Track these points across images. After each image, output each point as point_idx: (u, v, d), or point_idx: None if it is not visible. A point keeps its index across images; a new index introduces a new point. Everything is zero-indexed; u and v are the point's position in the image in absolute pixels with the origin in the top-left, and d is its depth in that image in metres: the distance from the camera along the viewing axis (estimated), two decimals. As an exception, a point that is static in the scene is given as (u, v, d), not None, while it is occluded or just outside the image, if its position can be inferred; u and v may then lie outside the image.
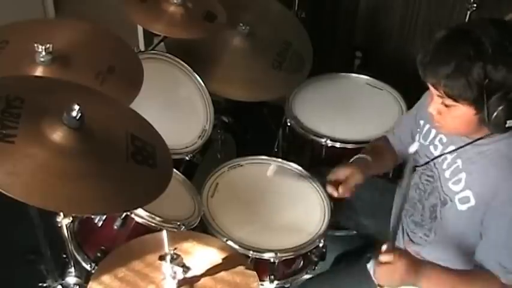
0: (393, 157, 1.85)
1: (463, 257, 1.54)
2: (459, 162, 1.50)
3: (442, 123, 1.46)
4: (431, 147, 1.60)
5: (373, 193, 1.94)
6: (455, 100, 1.36)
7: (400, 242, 1.73)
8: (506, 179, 1.39)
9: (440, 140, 1.58)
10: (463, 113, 1.38)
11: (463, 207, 1.47)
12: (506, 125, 1.35)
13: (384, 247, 1.41)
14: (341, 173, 1.73)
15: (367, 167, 1.76)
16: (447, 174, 1.53)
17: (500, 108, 1.32)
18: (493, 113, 1.33)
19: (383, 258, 1.39)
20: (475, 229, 1.47)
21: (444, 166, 1.54)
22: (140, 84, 1.67)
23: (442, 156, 1.55)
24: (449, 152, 1.53)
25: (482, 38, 1.31)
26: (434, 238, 1.59)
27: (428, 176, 1.60)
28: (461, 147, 1.49)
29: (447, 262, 1.49)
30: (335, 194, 1.72)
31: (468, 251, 1.52)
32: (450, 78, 1.33)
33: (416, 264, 1.41)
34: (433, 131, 1.61)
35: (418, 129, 1.67)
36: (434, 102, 1.43)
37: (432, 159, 1.58)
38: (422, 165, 1.63)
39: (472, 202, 1.45)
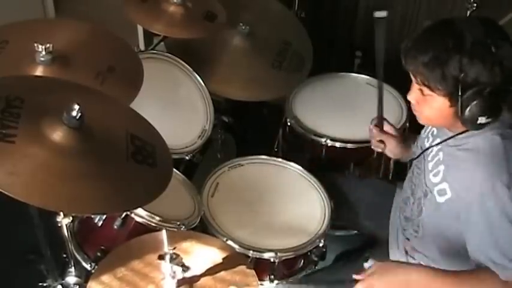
0: None
1: (447, 252, 1.54)
2: (441, 154, 1.51)
3: (419, 112, 1.48)
4: (425, 140, 1.61)
5: (373, 194, 1.94)
6: (430, 89, 1.37)
7: (399, 242, 1.73)
8: (481, 173, 1.38)
9: (432, 133, 1.59)
10: (438, 104, 1.39)
11: (441, 199, 1.48)
12: (478, 122, 1.35)
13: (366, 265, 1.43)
14: (391, 128, 1.83)
15: (406, 150, 1.81)
16: (430, 166, 1.54)
17: (473, 103, 1.32)
18: (466, 108, 1.33)
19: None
20: (454, 223, 1.46)
21: (429, 158, 1.56)
22: (140, 83, 1.67)
23: (430, 149, 1.56)
24: (436, 145, 1.54)
25: (465, 32, 1.31)
26: (423, 233, 1.59)
27: (418, 168, 1.61)
28: (444, 140, 1.50)
29: (434, 258, 1.50)
30: (371, 127, 1.84)
31: (451, 246, 1.52)
32: (427, 67, 1.34)
33: (403, 266, 1.42)
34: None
35: None
36: (412, 90, 1.45)
37: (422, 152, 1.60)
38: (416, 157, 1.63)
39: (449, 194, 1.46)
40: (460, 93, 1.32)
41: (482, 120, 1.34)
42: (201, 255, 1.50)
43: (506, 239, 1.37)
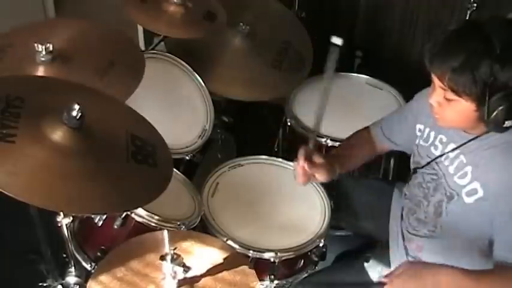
0: (368, 152, 1.84)
1: (467, 251, 1.54)
2: (462, 157, 1.50)
3: (441, 115, 1.46)
4: (432, 148, 1.60)
5: (372, 195, 1.94)
6: (457, 94, 1.36)
7: (399, 242, 1.73)
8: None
9: (440, 140, 1.58)
10: (463, 108, 1.38)
11: (470, 199, 1.47)
12: (504, 125, 1.35)
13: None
14: (318, 157, 1.65)
15: (333, 173, 1.69)
16: (451, 169, 1.53)
17: (500, 108, 1.32)
18: (492, 112, 1.33)
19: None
20: (483, 221, 1.46)
21: (446, 163, 1.54)
22: (141, 76, 1.67)
23: (444, 155, 1.55)
24: (451, 151, 1.53)
25: (492, 35, 1.30)
26: (440, 232, 1.58)
27: (431, 174, 1.61)
28: (463, 144, 1.49)
29: (452, 256, 1.50)
30: (300, 163, 1.62)
31: (473, 245, 1.52)
32: (456, 72, 1.33)
33: (429, 267, 1.39)
34: (433, 133, 1.61)
35: (419, 134, 1.67)
36: (436, 94, 1.43)
37: (434, 159, 1.59)
38: (424, 166, 1.63)
39: (480, 193, 1.45)
40: (487, 98, 1.32)
41: (508, 123, 1.34)
42: (201, 256, 1.50)
43: None
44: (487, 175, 1.44)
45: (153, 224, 1.63)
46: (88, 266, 1.71)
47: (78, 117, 1.30)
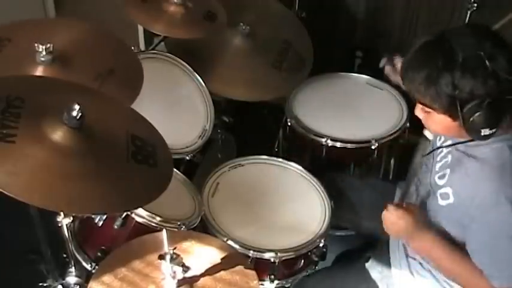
0: None
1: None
2: (449, 157, 1.51)
3: (427, 126, 1.49)
4: (437, 138, 1.61)
5: (373, 194, 1.94)
6: (430, 107, 1.38)
7: (399, 242, 1.73)
8: (487, 185, 1.38)
9: None
10: (440, 120, 1.39)
11: (443, 202, 1.48)
12: (482, 134, 1.34)
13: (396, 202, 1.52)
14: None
15: None
16: (437, 167, 1.54)
17: (474, 116, 1.31)
18: (467, 122, 1.33)
19: (391, 209, 1.51)
20: (453, 227, 1.47)
21: (438, 158, 1.55)
22: (139, 87, 1.67)
23: (441, 149, 1.56)
24: (447, 146, 1.54)
25: (456, 47, 1.30)
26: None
27: (426, 166, 1.61)
28: (454, 144, 1.50)
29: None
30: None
31: (456, 241, 1.51)
32: (421, 87, 1.34)
33: (417, 226, 1.48)
34: None
35: None
36: (417, 107, 1.45)
37: (433, 150, 1.60)
38: (427, 154, 1.63)
39: (451, 200, 1.46)
40: (459, 108, 1.32)
41: (486, 132, 1.34)
42: (202, 255, 1.50)
43: (502, 252, 1.38)
44: (459, 184, 1.45)
45: (154, 224, 1.63)
46: (88, 266, 1.71)
47: (78, 117, 1.30)
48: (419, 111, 1.45)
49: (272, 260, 1.72)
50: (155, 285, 1.40)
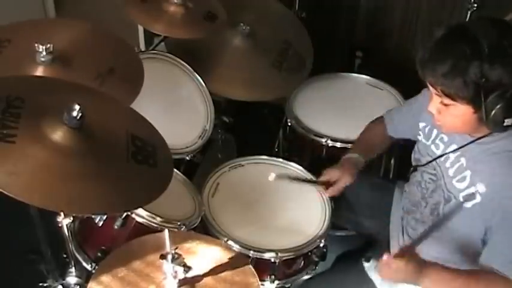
0: (386, 141, 1.92)
1: (461, 253, 1.55)
2: (463, 160, 1.50)
3: (442, 122, 1.47)
4: (433, 147, 1.60)
5: (373, 194, 1.94)
6: (453, 99, 1.36)
7: (400, 242, 1.73)
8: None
9: (442, 139, 1.58)
10: (461, 112, 1.38)
11: (467, 204, 1.47)
12: (504, 124, 1.35)
13: (394, 251, 1.46)
14: (332, 174, 1.82)
15: (357, 166, 1.83)
16: (451, 172, 1.53)
17: (498, 107, 1.32)
18: (490, 112, 1.33)
19: (392, 261, 1.40)
20: (478, 226, 1.47)
21: (447, 164, 1.54)
22: (140, 86, 1.67)
23: (445, 156, 1.55)
24: (453, 151, 1.53)
25: (480, 36, 1.31)
26: (436, 234, 1.59)
27: (431, 174, 1.61)
28: (464, 145, 1.49)
29: (446, 257, 1.50)
30: (330, 195, 1.84)
31: (467, 249, 1.53)
32: (447, 77, 1.33)
33: (421, 266, 1.41)
34: (435, 131, 1.61)
35: (420, 131, 1.67)
36: (433, 101, 1.44)
37: (435, 159, 1.59)
38: (424, 164, 1.63)
39: (478, 199, 1.45)
40: (483, 99, 1.32)
41: (508, 122, 1.34)
42: (202, 256, 1.50)
43: None
44: (486, 182, 1.44)
45: (154, 225, 1.62)
46: (88, 266, 1.71)
47: (78, 117, 1.30)
48: (435, 106, 1.43)
49: (272, 260, 1.72)
50: (156, 285, 1.40)
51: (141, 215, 1.61)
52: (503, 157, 1.42)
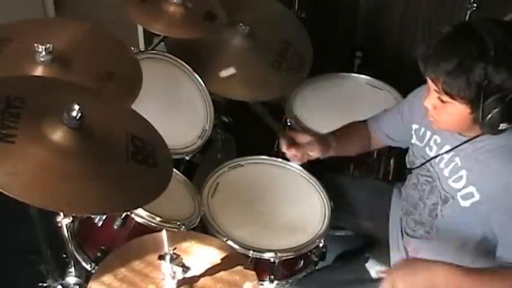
0: (362, 144, 1.89)
1: (463, 252, 1.54)
2: (457, 160, 1.50)
3: (436, 118, 1.47)
4: (427, 149, 1.61)
5: (373, 194, 1.94)
6: (452, 97, 1.36)
7: (399, 242, 1.73)
8: (510, 170, 1.39)
9: (435, 141, 1.58)
10: (458, 111, 1.38)
11: (466, 203, 1.47)
12: (499, 128, 1.34)
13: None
14: (302, 136, 1.77)
15: (328, 146, 1.78)
16: (446, 172, 1.53)
17: (495, 110, 1.32)
18: (487, 115, 1.33)
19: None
20: (477, 224, 1.47)
21: (442, 165, 1.54)
22: (139, 87, 1.67)
23: (439, 157, 1.55)
24: (446, 152, 1.53)
25: (486, 38, 1.30)
26: (436, 234, 1.59)
27: (426, 176, 1.61)
28: (457, 146, 1.49)
29: (447, 257, 1.49)
30: (285, 150, 1.76)
31: (468, 247, 1.53)
32: (450, 75, 1.33)
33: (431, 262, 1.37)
34: (428, 133, 1.61)
35: (414, 133, 1.67)
36: (430, 97, 1.43)
37: (428, 160, 1.59)
38: (418, 166, 1.63)
39: (476, 197, 1.45)
40: (481, 100, 1.31)
41: (503, 126, 1.34)
42: (201, 256, 1.50)
43: None
44: (483, 179, 1.44)
45: (153, 225, 1.63)
46: (88, 267, 1.71)
47: (78, 118, 1.30)
48: (431, 101, 1.43)
49: (272, 260, 1.72)
50: (155, 285, 1.40)
51: (140, 215, 1.62)
52: (497, 153, 1.42)
